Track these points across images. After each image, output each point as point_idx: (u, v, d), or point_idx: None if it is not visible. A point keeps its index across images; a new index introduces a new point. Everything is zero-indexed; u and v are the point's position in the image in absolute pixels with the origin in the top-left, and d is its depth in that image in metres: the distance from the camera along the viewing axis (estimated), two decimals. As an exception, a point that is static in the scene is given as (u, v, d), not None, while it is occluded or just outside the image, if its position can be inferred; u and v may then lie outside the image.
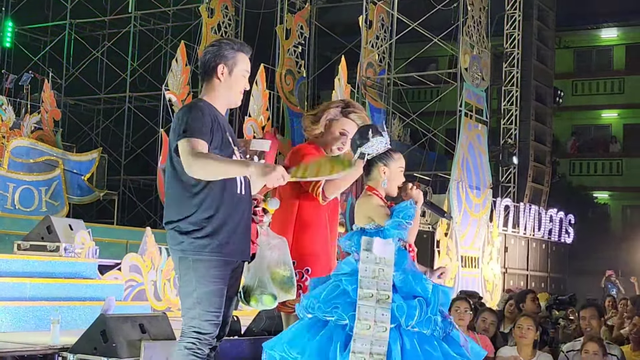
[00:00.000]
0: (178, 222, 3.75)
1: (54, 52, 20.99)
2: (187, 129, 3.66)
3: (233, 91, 3.89)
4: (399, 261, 3.77)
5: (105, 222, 16.00)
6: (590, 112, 29.67)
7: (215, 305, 3.70)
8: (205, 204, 3.71)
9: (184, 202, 3.74)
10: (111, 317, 5.55)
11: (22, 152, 14.15)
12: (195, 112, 3.73)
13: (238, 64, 3.87)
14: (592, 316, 6.66)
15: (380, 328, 3.61)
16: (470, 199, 17.00)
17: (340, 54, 17.00)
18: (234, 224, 3.76)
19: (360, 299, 3.67)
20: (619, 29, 29.20)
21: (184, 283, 3.75)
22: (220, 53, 3.85)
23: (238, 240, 3.79)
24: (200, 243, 3.70)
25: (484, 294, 16.08)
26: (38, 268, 7.93)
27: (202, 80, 3.92)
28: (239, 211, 3.80)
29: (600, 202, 28.66)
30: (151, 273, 9.32)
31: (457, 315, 6.25)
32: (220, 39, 4.02)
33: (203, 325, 3.68)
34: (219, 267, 3.71)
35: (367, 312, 3.64)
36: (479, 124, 17.85)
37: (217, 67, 3.84)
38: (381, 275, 3.70)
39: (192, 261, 3.71)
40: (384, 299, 3.65)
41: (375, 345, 3.59)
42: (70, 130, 19.89)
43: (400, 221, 3.77)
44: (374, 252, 3.73)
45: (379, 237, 3.77)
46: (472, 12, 17.73)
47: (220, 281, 3.72)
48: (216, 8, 18.20)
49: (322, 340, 3.70)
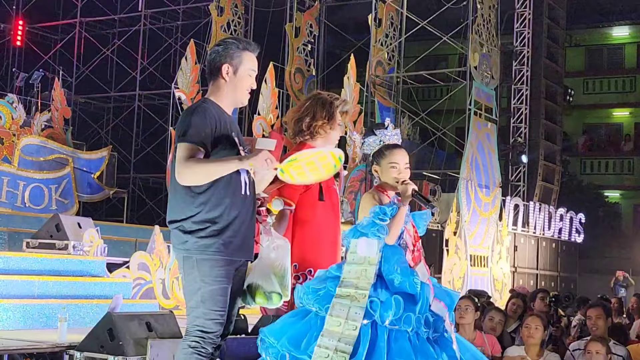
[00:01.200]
0: (182, 221, 3.76)
1: (64, 50, 21.07)
2: (186, 134, 3.69)
3: (239, 90, 3.90)
4: (388, 257, 3.74)
5: (115, 220, 16.06)
6: (602, 110, 29.54)
7: (219, 304, 3.71)
8: (210, 204, 3.72)
9: (187, 202, 3.75)
10: (118, 315, 5.57)
11: (32, 150, 14.20)
12: (197, 115, 3.74)
13: (243, 63, 3.87)
14: (599, 316, 6.63)
15: (350, 326, 3.58)
16: (480, 198, 16.97)
17: (349, 52, 16.98)
18: (238, 223, 3.77)
19: (337, 297, 3.66)
20: (630, 26, 29.05)
21: (188, 282, 3.77)
22: (225, 53, 3.86)
23: (242, 239, 3.79)
24: (204, 242, 3.71)
25: (493, 293, 16.05)
26: (46, 266, 7.95)
27: (209, 80, 3.93)
28: (243, 211, 3.80)
29: (611, 201, 28.53)
30: (159, 271, 9.34)
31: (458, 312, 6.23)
32: (225, 38, 4.02)
33: (207, 324, 3.69)
34: (223, 266, 3.73)
35: (341, 310, 3.62)
36: (489, 122, 17.81)
37: (222, 66, 3.85)
38: (362, 276, 3.67)
39: (196, 260, 3.72)
40: (360, 298, 3.63)
41: (342, 342, 3.56)
42: (80, 129, 19.97)
43: (374, 220, 3.74)
44: (358, 253, 3.72)
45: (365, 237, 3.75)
46: (481, 10, 17.68)
47: (224, 280, 3.73)
48: (226, 6, 18.21)
49: (300, 329, 3.71)
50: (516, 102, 20.80)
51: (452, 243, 15.57)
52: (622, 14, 27.96)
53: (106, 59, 20.85)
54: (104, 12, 20.67)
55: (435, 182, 17.00)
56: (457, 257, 15.66)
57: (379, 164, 3.98)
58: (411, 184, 3.89)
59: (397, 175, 3.93)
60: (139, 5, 19.90)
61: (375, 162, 4.00)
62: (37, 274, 7.72)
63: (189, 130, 3.68)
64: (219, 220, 3.72)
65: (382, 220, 3.73)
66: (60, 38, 21.39)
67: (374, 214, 3.75)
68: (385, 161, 3.97)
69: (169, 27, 21.03)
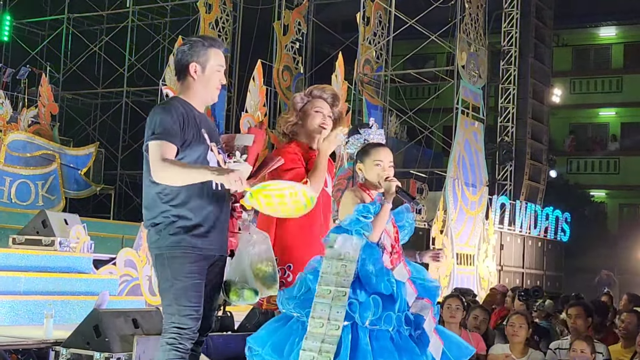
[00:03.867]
0: (153, 219, 3.79)
1: (51, 46, 20.98)
2: (157, 131, 3.70)
3: (209, 88, 3.92)
4: (365, 256, 3.74)
5: (102, 216, 16.01)
6: (588, 110, 29.68)
7: (193, 299, 3.73)
8: (179, 200, 3.74)
9: (157, 199, 3.78)
10: (104, 312, 5.57)
11: (19, 146, 14.14)
12: (164, 113, 3.76)
13: (210, 60, 3.89)
14: (579, 315, 6.67)
15: (333, 326, 3.59)
16: (466, 197, 17.04)
17: (337, 50, 16.98)
18: (210, 219, 3.79)
19: (317, 296, 3.66)
20: (617, 27, 29.19)
21: (161, 280, 3.80)
22: (191, 52, 3.88)
23: (215, 235, 3.81)
24: (175, 239, 3.73)
25: (479, 292, 16.11)
26: (33, 262, 7.95)
27: (178, 79, 3.94)
28: (216, 206, 3.82)
29: (596, 200, 28.68)
30: (146, 268, 9.33)
31: (449, 312, 6.28)
32: (190, 38, 4.04)
33: (182, 321, 3.71)
34: (194, 262, 3.74)
35: (322, 310, 3.62)
36: (476, 121, 17.88)
37: (190, 65, 3.87)
38: (342, 272, 3.67)
39: (167, 258, 3.75)
40: (340, 296, 3.63)
41: (325, 342, 3.56)
42: (68, 125, 19.88)
43: (357, 217, 3.75)
44: (336, 249, 3.72)
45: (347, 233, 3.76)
46: (469, 10, 17.75)
47: (196, 276, 3.74)
48: (214, 3, 18.19)
49: (282, 336, 3.72)
50: (503, 102, 20.88)
51: (439, 241, 15.64)
52: (609, 14, 28.10)
53: (94, 55, 20.78)
54: (92, 8, 20.60)
55: (422, 180, 17.06)
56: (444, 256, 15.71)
57: (363, 162, 4.00)
58: (395, 181, 3.90)
59: (382, 172, 3.95)
60: (127, 1, 19.85)
61: (359, 161, 4.02)
62: (23, 270, 7.72)
63: (162, 127, 3.71)
64: (189, 216, 3.74)
65: (365, 217, 3.75)
66: (48, 34, 21.30)
67: (357, 212, 3.76)
68: (369, 159, 3.98)
69: (157, 24, 20.99)
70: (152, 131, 3.72)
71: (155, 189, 3.77)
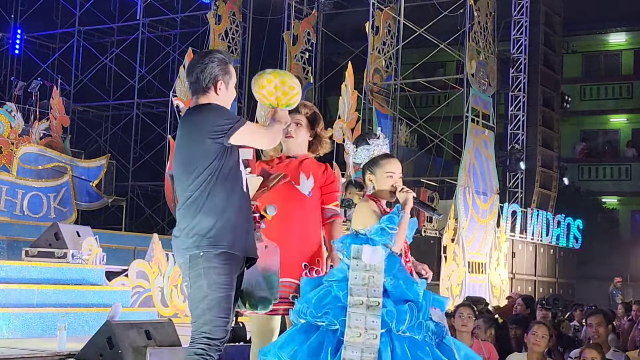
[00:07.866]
0: (197, 226, 3.78)
1: (62, 59, 21.12)
2: (235, 118, 3.83)
3: (227, 105, 3.96)
4: (389, 266, 3.79)
5: (113, 228, 16.07)
6: (599, 117, 29.56)
7: (225, 311, 3.76)
8: (219, 208, 3.77)
9: (214, 209, 3.78)
10: (117, 324, 5.59)
11: (30, 159, 14.23)
12: (221, 108, 3.85)
13: (232, 77, 3.97)
14: (599, 323, 6.61)
15: (370, 335, 3.64)
16: (477, 205, 17.00)
17: (347, 60, 17.03)
18: (243, 219, 3.84)
19: (351, 306, 3.70)
20: (627, 33, 29.10)
21: (195, 290, 3.78)
22: (219, 68, 3.90)
23: (249, 235, 3.87)
24: (214, 252, 3.74)
25: (491, 300, 16.06)
26: (45, 274, 7.99)
27: (196, 91, 3.91)
28: (246, 206, 3.89)
29: (608, 207, 28.54)
30: (158, 279, 9.37)
31: (461, 321, 6.24)
32: (209, 52, 4.02)
33: (214, 331, 3.73)
34: (228, 274, 3.77)
35: (358, 320, 3.66)
36: (486, 129, 17.86)
37: (217, 82, 3.89)
38: (371, 282, 3.73)
39: (204, 269, 3.75)
40: (374, 306, 3.68)
41: (365, 352, 3.62)
42: (79, 137, 20.00)
43: (383, 227, 3.80)
44: (363, 260, 3.76)
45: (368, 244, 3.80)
46: (478, 18, 17.75)
47: (229, 287, 3.78)
48: (224, 15, 18.27)
49: (314, 345, 3.73)
50: (513, 109, 20.85)
51: (450, 250, 15.60)
52: (618, 20, 28.02)
53: (104, 68, 20.91)
54: (102, 21, 20.74)
55: (433, 189, 17.03)
56: (455, 264, 15.68)
57: (374, 173, 4.04)
58: (410, 192, 3.96)
59: (395, 184, 4.00)
60: (137, 13, 19.96)
61: (370, 172, 4.05)
62: (36, 282, 7.75)
63: (232, 117, 3.83)
64: (230, 217, 3.78)
65: (391, 229, 3.80)
66: (59, 46, 21.44)
67: (383, 222, 3.81)
68: (380, 170, 4.02)
69: (167, 36, 21.09)
70: (229, 121, 3.77)
71: (209, 199, 3.78)
